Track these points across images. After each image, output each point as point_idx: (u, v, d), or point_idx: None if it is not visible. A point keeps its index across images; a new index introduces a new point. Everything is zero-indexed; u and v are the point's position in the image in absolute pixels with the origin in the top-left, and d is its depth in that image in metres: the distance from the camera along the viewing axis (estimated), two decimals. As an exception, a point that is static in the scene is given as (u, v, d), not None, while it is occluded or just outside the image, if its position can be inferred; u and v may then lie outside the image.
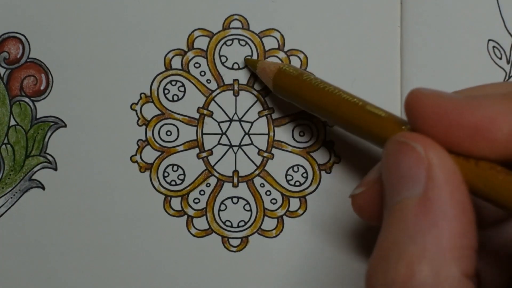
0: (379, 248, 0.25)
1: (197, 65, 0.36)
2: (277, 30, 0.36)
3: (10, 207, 0.36)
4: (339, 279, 0.36)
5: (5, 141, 0.36)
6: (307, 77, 0.33)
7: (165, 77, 0.36)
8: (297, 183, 0.36)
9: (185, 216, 0.36)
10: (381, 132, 0.29)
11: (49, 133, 0.36)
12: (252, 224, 0.36)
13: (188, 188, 0.36)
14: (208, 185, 0.36)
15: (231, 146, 0.36)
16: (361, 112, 0.30)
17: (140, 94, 0.36)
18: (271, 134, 0.36)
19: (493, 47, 0.36)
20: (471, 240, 0.25)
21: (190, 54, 0.36)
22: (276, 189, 0.36)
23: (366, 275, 0.25)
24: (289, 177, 0.36)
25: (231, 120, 0.36)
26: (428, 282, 0.24)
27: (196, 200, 0.36)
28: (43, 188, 0.36)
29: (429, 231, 0.24)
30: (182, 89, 0.36)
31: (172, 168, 0.36)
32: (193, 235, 0.36)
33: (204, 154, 0.36)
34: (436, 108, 0.26)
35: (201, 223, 0.36)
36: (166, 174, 0.36)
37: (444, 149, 0.26)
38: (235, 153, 0.36)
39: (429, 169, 0.25)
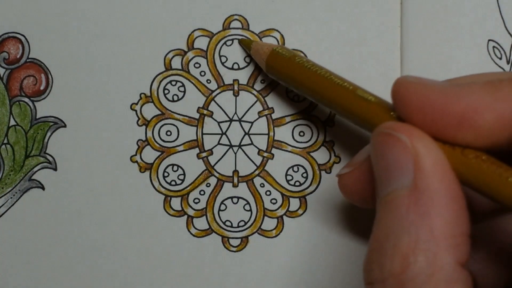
0: (373, 241, 0.25)
1: (197, 65, 0.36)
2: (277, 30, 0.36)
3: (10, 207, 0.36)
4: (339, 278, 0.36)
5: (5, 141, 0.36)
6: (299, 59, 0.33)
7: (165, 77, 0.36)
8: (297, 183, 0.36)
9: (185, 216, 0.36)
10: (369, 117, 0.29)
11: (49, 133, 0.36)
12: (252, 224, 0.36)
13: (188, 188, 0.36)
14: (208, 185, 0.36)
15: (231, 146, 0.36)
16: (351, 96, 0.30)
17: (140, 94, 0.36)
18: (271, 134, 0.36)
19: (493, 47, 0.36)
20: (464, 227, 0.25)
21: (190, 54, 0.36)
22: (276, 189, 0.36)
23: (363, 269, 0.25)
24: (289, 177, 0.36)
25: (231, 120, 0.36)
26: (423, 272, 0.24)
27: (196, 200, 0.36)
28: (43, 188, 0.36)
29: (421, 221, 0.24)
30: (182, 89, 0.36)
31: (172, 168, 0.36)
32: (193, 235, 0.36)
33: (204, 154, 0.36)
34: (421, 96, 0.26)
35: (201, 223, 0.36)
36: (166, 174, 0.36)
37: (431, 137, 0.26)
38: (235, 153, 0.36)
39: (417, 159, 0.25)
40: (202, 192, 0.36)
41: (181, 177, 0.36)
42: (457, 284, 0.24)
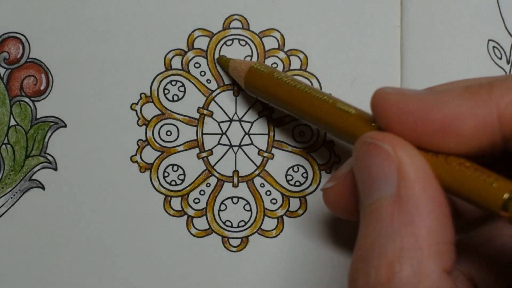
0: (358, 250, 0.25)
1: (197, 65, 0.36)
2: (277, 30, 0.36)
3: (10, 207, 0.36)
4: (338, 279, 0.36)
5: (5, 141, 0.36)
6: (278, 75, 0.33)
7: (165, 77, 0.36)
8: (297, 183, 0.36)
9: (185, 216, 0.36)
10: (350, 129, 0.29)
11: (49, 133, 0.36)
12: (252, 224, 0.36)
13: (188, 188, 0.36)
14: (208, 185, 0.36)
15: (231, 146, 0.36)
16: (331, 110, 0.30)
17: (140, 94, 0.36)
18: (271, 134, 0.36)
19: (493, 47, 0.36)
20: (449, 235, 0.25)
21: (190, 54, 0.36)
22: (276, 189, 0.36)
23: (348, 279, 0.25)
24: (289, 177, 0.36)
25: (231, 120, 0.36)
26: (409, 281, 0.24)
27: (196, 200, 0.36)
28: (43, 188, 0.36)
29: (405, 229, 0.24)
30: (182, 89, 0.36)
31: (172, 168, 0.36)
32: (193, 235, 0.36)
33: (204, 154, 0.36)
34: (401, 106, 0.26)
35: (201, 223, 0.36)
36: (166, 174, 0.36)
37: (413, 146, 0.26)
38: (235, 153, 0.36)
39: (400, 168, 0.25)
40: (202, 192, 0.36)
41: (181, 177, 0.36)
42: None
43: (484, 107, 0.25)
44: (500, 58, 0.36)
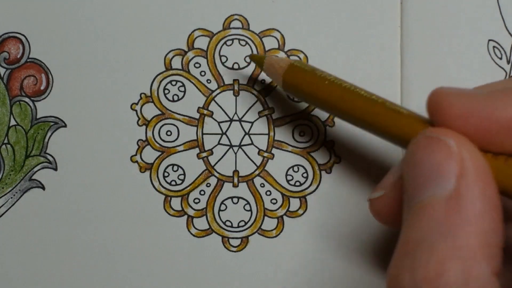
0: (403, 246, 0.25)
1: (197, 65, 0.36)
2: (277, 30, 0.36)
3: (10, 207, 0.36)
4: (339, 279, 0.36)
5: (5, 141, 0.36)
6: (321, 73, 0.31)
7: (165, 77, 0.36)
8: (297, 183, 0.36)
9: (185, 216, 0.36)
10: (403, 130, 0.28)
11: (49, 133, 0.36)
12: (252, 224, 0.36)
13: (188, 188, 0.36)
14: (208, 185, 0.36)
15: (231, 146, 0.36)
16: (381, 110, 0.29)
17: (140, 94, 0.36)
18: (271, 134, 0.36)
19: (493, 47, 0.36)
20: (500, 238, 0.24)
21: (190, 54, 0.36)
22: (276, 189, 0.36)
23: (390, 276, 0.25)
24: (289, 177, 0.36)
25: (231, 120, 0.36)
26: (458, 280, 0.23)
27: (196, 200, 0.36)
28: (43, 188, 0.36)
29: (460, 228, 0.24)
30: (182, 89, 0.36)
31: (172, 168, 0.36)
32: (193, 235, 0.36)
33: (204, 154, 0.36)
34: (465, 105, 0.25)
35: (201, 223, 0.36)
36: (166, 174, 0.36)
37: (475, 145, 0.25)
38: (235, 153, 0.36)
39: (462, 165, 0.24)
40: (202, 192, 0.36)
41: (181, 177, 0.36)
42: None
43: None
44: (501, 58, 0.36)
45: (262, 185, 0.36)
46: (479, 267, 0.23)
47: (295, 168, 0.36)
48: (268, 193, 0.36)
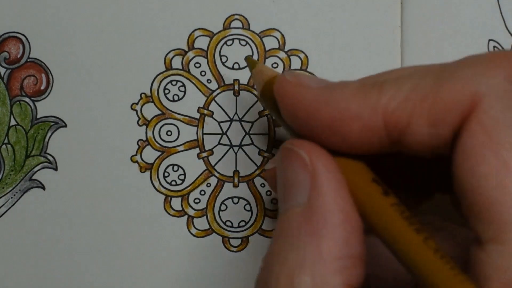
0: (265, 259, 0.25)
1: (197, 65, 0.36)
2: (278, 30, 0.36)
3: (10, 207, 0.36)
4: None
5: (6, 141, 0.36)
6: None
7: (165, 77, 0.36)
8: (298, 183, 0.36)
9: (186, 216, 0.36)
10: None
11: (49, 133, 0.36)
12: (252, 224, 0.36)
13: (189, 188, 0.36)
14: (208, 185, 0.36)
15: (231, 146, 0.36)
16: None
17: (141, 94, 0.36)
18: (272, 134, 0.36)
19: (494, 47, 0.36)
20: (356, 249, 0.24)
21: (190, 54, 0.36)
22: (277, 189, 0.36)
23: (255, 286, 0.25)
24: (289, 177, 0.36)
25: (231, 120, 0.36)
26: None
27: (197, 200, 0.36)
28: (43, 188, 0.36)
29: (310, 239, 0.23)
30: (182, 89, 0.36)
31: (173, 168, 0.36)
32: (194, 235, 0.36)
33: (204, 154, 0.36)
34: (296, 98, 0.25)
35: (201, 223, 0.36)
36: (166, 174, 0.36)
37: (330, 155, 0.25)
38: (236, 153, 0.36)
39: (314, 177, 0.24)
40: (202, 192, 0.36)
41: (182, 177, 0.36)
42: None
43: (371, 110, 0.24)
44: (500, 58, 0.36)
45: (262, 185, 0.36)
46: (330, 279, 0.23)
47: (296, 168, 0.36)
48: (268, 193, 0.36)
